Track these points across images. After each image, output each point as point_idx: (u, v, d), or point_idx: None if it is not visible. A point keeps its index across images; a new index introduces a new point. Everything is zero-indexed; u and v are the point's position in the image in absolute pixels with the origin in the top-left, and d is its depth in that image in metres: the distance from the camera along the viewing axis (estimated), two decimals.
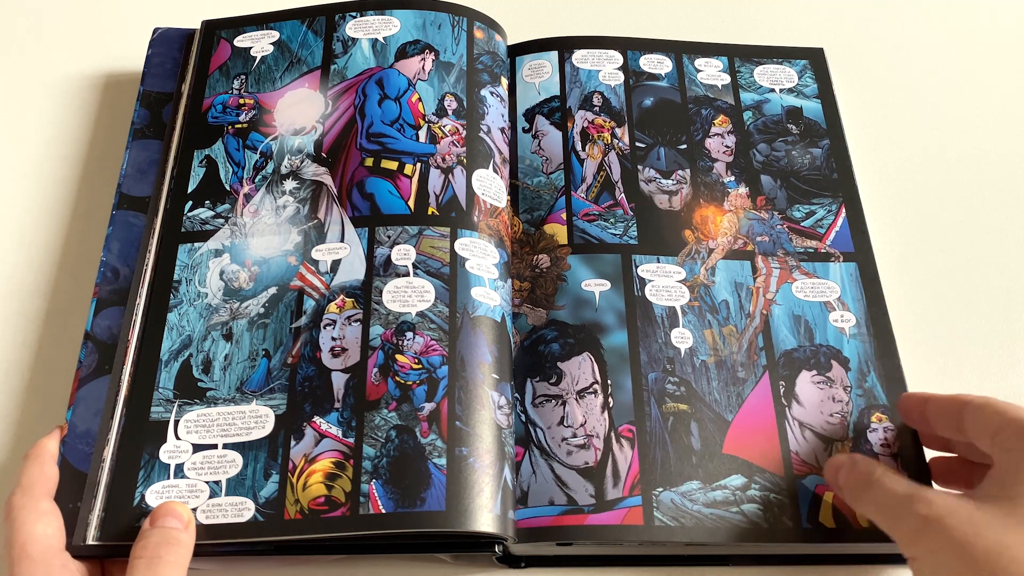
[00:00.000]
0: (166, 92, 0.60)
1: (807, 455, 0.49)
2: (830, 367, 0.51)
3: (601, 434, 0.49)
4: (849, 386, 0.51)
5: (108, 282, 0.53)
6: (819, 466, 0.48)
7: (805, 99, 0.61)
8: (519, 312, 0.53)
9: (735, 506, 0.47)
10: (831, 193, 0.57)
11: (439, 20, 0.60)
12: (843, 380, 0.51)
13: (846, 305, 0.53)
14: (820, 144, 0.59)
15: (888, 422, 0.49)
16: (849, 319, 0.53)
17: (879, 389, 0.51)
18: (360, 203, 0.53)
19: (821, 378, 0.51)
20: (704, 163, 0.58)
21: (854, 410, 0.50)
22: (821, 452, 0.49)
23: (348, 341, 0.49)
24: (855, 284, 0.54)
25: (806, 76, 0.62)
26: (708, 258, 0.55)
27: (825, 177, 0.58)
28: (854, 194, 0.57)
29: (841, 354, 0.52)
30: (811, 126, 0.60)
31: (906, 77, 0.68)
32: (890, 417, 0.50)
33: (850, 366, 0.51)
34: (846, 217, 0.57)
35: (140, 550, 0.42)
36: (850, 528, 0.46)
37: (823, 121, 0.60)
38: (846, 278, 0.54)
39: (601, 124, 0.59)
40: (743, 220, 0.56)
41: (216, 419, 0.48)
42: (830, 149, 0.59)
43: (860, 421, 0.50)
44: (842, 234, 0.56)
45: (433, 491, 0.45)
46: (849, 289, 0.54)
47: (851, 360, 0.51)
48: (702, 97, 0.61)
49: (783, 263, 0.55)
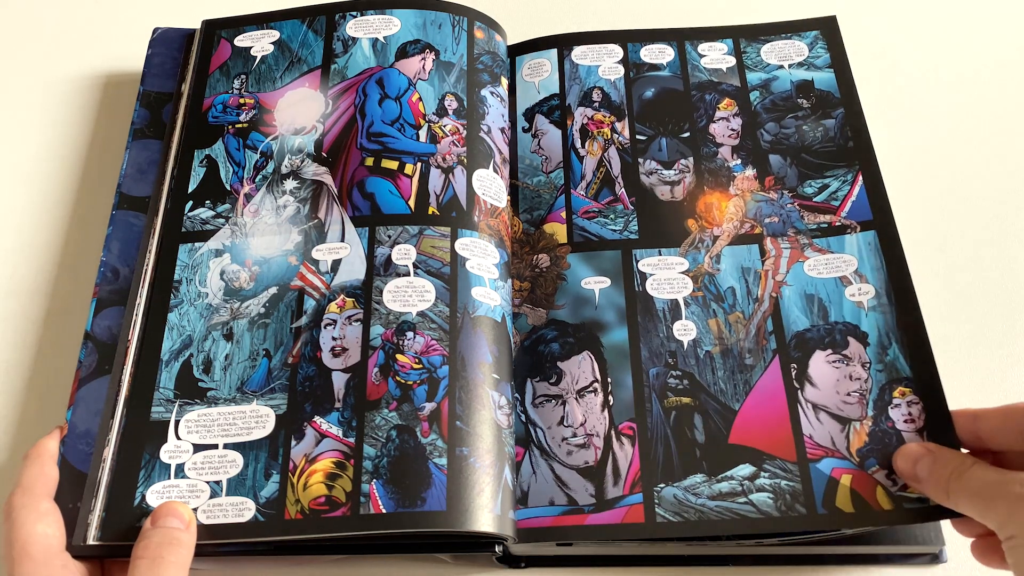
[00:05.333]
0: (166, 92, 0.60)
1: (822, 438, 0.47)
2: (847, 344, 0.50)
3: (601, 433, 0.49)
4: (868, 362, 0.49)
5: (108, 282, 0.53)
6: (835, 449, 0.47)
7: (816, 71, 0.60)
8: (519, 312, 0.53)
9: (743, 496, 0.46)
10: (846, 162, 0.56)
11: (439, 20, 0.60)
12: (861, 356, 0.49)
13: (864, 277, 0.52)
14: (833, 114, 0.58)
15: (912, 395, 0.48)
16: (867, 291, 0.51)
17: (902, 361, 0.49)
18: (360, 203, 0.53)
19: (837, 356, 0.50)
20: (708, 149, 0.58)
21: (874, 387, 0.48)
22: (837, 434, 0.47)
23: (349, 341, 0.49)
24: (874, 253, 0.52)
25: (817, 47, 0.61)
26: (713, 246, 0.54)
27: (840, 147, 0.57)
28: (871, 159, 0.56)
29: (859, 329, 0.50)
30: (823, 97, 0.59)
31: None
32: (914, 390, 0.48)
33: (869, 341, 0.50)
34: (863, 185, 0.55)
35: (142, 550, 0.42)
36: (870, 511, 0.45)
37: (836, 90, 0.59)
38: (864, 248, 0.53)
39: (600, 120, 0.59)
40: (750, 203, 0.55)
41: (217, 419, 0.48)
42: (844, 118, 0.58)
43: (880, 398, 0.48)
44: (859, 203, 0.54)
45: (433, 491, 0.45)
46: (867, 259, 0.52)
47: (870, 335, 0.50)
48: (706, 82, 0.60)
49: (794, 242, 0.54)
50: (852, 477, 0.46)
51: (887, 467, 0.46)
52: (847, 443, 0.47)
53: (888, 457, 0.46)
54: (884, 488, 0.45)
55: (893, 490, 0.45)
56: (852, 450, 0.47)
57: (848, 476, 0.46)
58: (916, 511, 0.45)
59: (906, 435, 0.47)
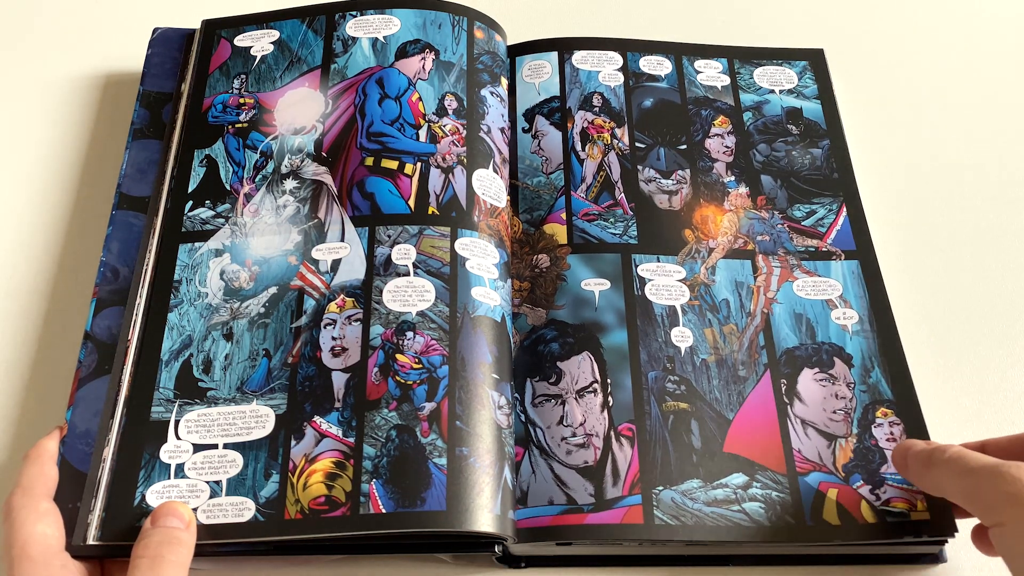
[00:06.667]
0: (166, 92, 0.60)
1: (810, 452, 0.49)
2: (832, 364, 0.51)
3: (601, 433, 0.49)
4: (852, 382, 0.51)
5: (108, 282, 0.53)
6: (822, 463, 0.48)
7: (805, 100, 0.62)
8: (519, 312, 0.53)
9: (736, 504, 0.47)
10: (831, 193, 0.58)
11: (439, 19, 0.60)
12: (846, 377, 0.51)
13: (848, 303, 0.53)
14: (820, 144, 0.60)
15: (894, 416, 0.50)
16: (852, 316, 0.53)
17: (884, 384, 0.51)
18: (360, 202, 0.53)
19: (823, 375, 0.51)
20: (704, 163, 0.59)
21: (858, 406, 0.50)
22: (824, 449, 0.49)
23: (348, 341, 0.49)
24: (857, 282, 0.54)
25: (806, 77, 0.63)
26: (708, 257, 0.55)
27: (825, 177, 0.58)
28: (855, 193, 0.58)
29: (844, 351, 0.52)
30: (811, 127, 0.60)
31: (905, 77, 0.68)
32: (896, 412, 0.50)
33: (853, 363, 0.51)
34: (847, 216, 0.57)
35: (142, 550, 0.42)
36: (855, 524, 0.46)
37: (823, 122, 0.61)
38: (848, 276, 0.54)
39: (601, 124, 0.59)
40: (743, 219, 0.57)
41: (216, 419, 0.48)
42: (830, 149, 0.59)
43: (864, 417, 0.50)
44: (843, 233, 0.56)
45: (433, 491, 0.45)
46: (851, 287, 0.54)
47: (854, 357, 0.52)
48: (702, 98, 0.61)
49: (784, 262, 0.55)
50: (838, 491, 0.47)
51: (871, 482, 0.48)
52: (833, 458, 0.49)
53: (872, 473, 0.48)
54: (868, 502, 0.47)
55: (877, 505, 0.47)
56: (838, 465, 0.48)
57: (834, 490, 0.47)
58: (898, 525, 0.46)
59: (888, 453, 0.48)
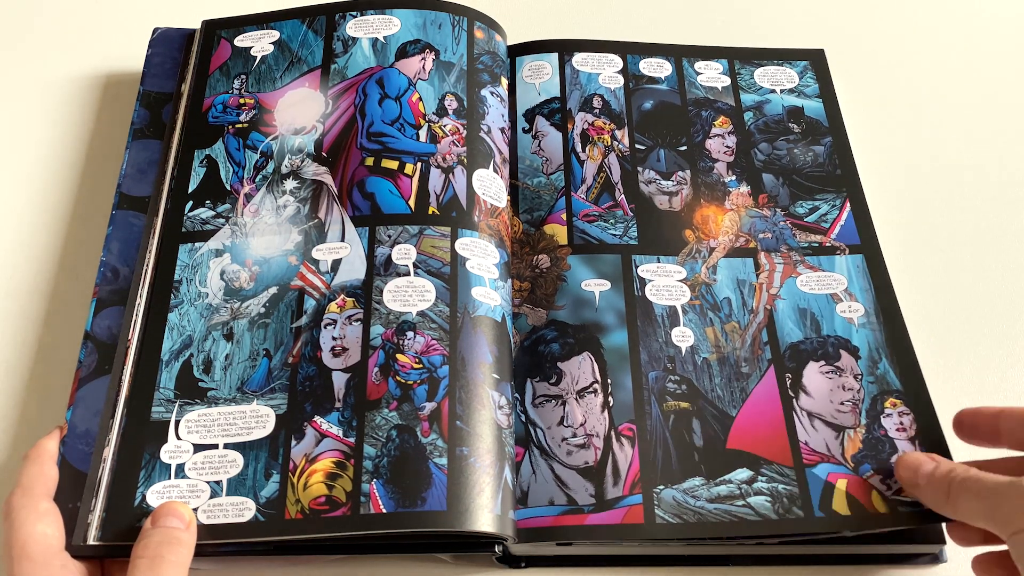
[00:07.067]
0: (166, 92, 0.60)
1: (817, 444, 0.48)
2: (839, 356, 0.51)
3: (601, 433, 0.49)
4: (860, 374, 0.51)
5: (108, 282, 0.53)
6: (830, 454, 0.48)
7: (806, 99, 0.62)
8: (519, 312, 0.53)
9: (741, 499, 0.47)
10: (834, 189, 0.58)
11: (439, 20, 0.60)
12: (853, 368, 0.51)
13: (853, 296, 0.53)
14: (822, 142, 0.60)
15: (903, 407, 0.49)
16: (857, 309, 0.53)
17: (892, 375, 0.51)
18: (361, 202, 0.53)
19: (830, 368, 0.51)
20: (704, 164, 0.59)
21: (866, 397, 0.50)
22: (832, 440, 0.49)
23: (349, 341, 0.49)
24: (862, 275, 0.54)
25: (807, 77, 0.63)
26: (709, 257, 0.55)
27: (828, 173, 0.58)
28: (858, 188, 0.58)
29: (850, 343, 0.52)
30: (813, 124, 0.60)
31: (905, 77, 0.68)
32: (905, 402, 0.50)
33: (860, 355, 0.51)
34: (851, 211, 0.57)
35: (142, 550, 0.42)
36: (866, 514, 0.46)
37: (825, 119, 0.61)
38: (852, 270, 0.54)
39: (601, 126, 0.60)
40: (745, 218, 0.57)
41: (217, 419, 0.48)
42: (832, 146, 0.59)
43: (873, 408, 0.50)
44: (847, 227, 0.56)
45: (434, 491, 0.45)
46: (856, 280, 0.54)
47: (861, 348, 0.51)
48: (702, 99, 0.61)
49: (787, 258, 0.55)
50: (848, 481, 0.47)
51: (881, 472, 0.47)
52: (842, 449, 0.48)
53: (882, 463, 0.48)
54: (879, 492, 0.47)
55: (888, 494, 0.47)
56: (847, 456, 0.48)
57: (844, 480, 0.47)
58: (911, 514, 0.46)
59: (898, 443, 0.48)
